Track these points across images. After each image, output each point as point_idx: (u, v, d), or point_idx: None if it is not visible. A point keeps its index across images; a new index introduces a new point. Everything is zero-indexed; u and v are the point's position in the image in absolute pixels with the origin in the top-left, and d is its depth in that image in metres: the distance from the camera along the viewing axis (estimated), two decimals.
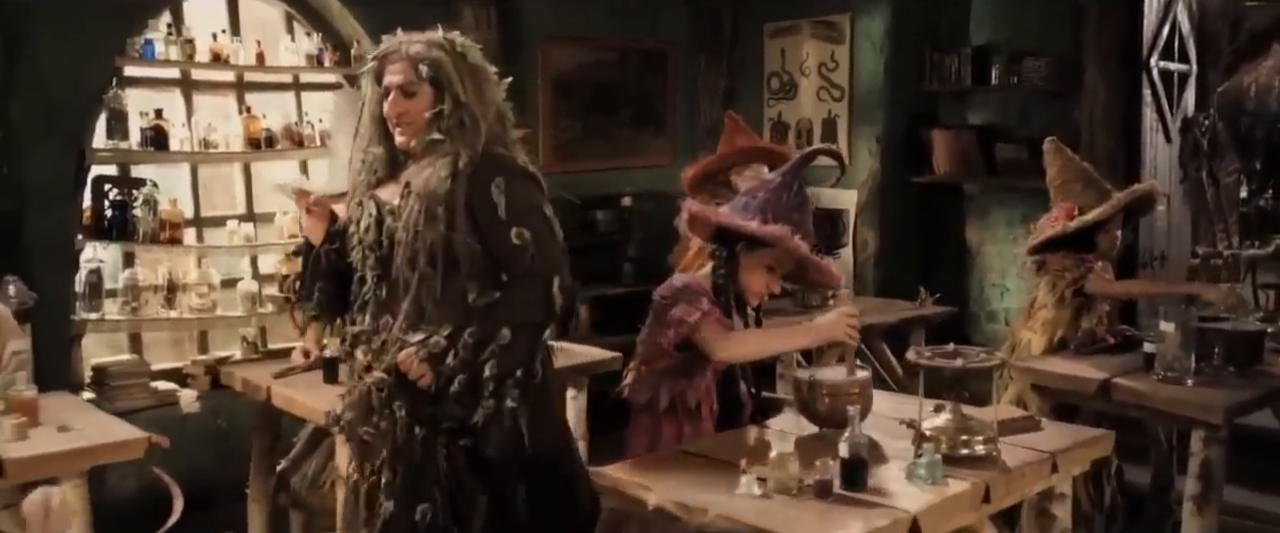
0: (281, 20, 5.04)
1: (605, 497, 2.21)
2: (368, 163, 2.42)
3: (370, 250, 2.37)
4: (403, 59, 2.38)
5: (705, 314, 2.53)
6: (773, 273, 2.65)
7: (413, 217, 2.29)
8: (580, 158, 5.80)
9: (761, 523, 1.92)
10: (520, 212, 2.30)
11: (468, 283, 2.29)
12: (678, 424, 2.59)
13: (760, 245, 2.59)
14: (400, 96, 2.34)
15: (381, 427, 2.33)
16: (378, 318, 2.36)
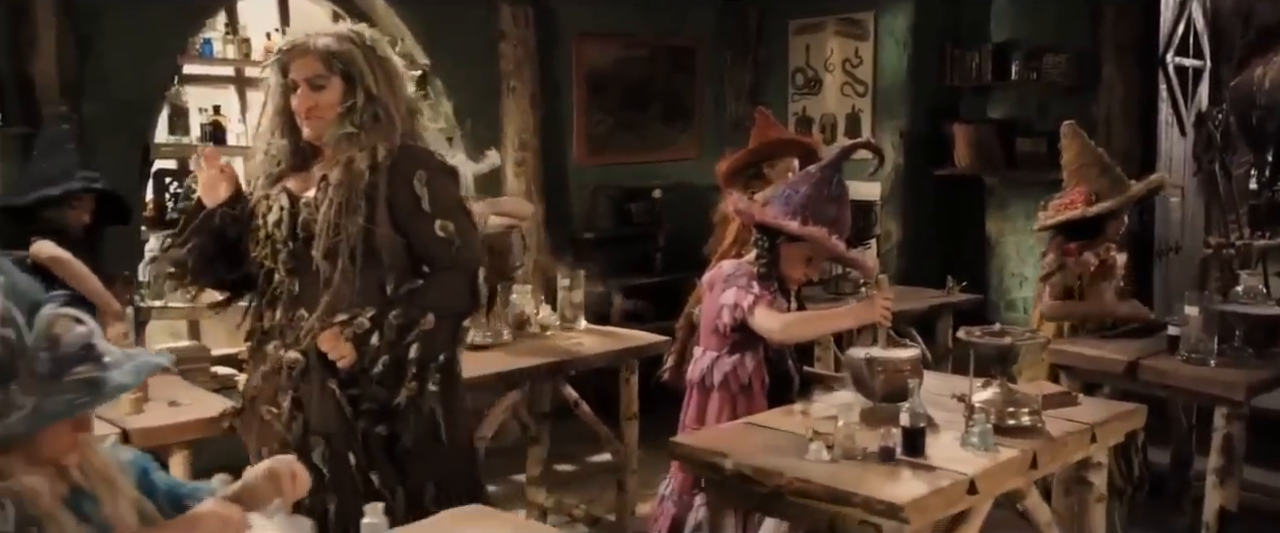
0: (328, 19, 5.22)
1: (684, 464, 2.40)
2: (271, 155, 2.38)
3: (283, 244, 2.32)
4: (311, 52, 2.31)
5: (758, 298, 2.72)
6: (811, 263, 2.84)
7: (331, 209, 2.25)
8: (612, 151, 5.99)
9: (834, 484, 2.11)
10: (443, 205, 2.31)
11: (387, 276, 2.28)
12: (731, 400, 2.78)
13: (799, 239, 2.77)
14: (309, 90, 2.29)
15: (285, 407, 2.29)
16: (291, 312, 2.32)
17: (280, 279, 2.33)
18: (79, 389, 1.48)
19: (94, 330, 1.57)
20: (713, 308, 2.78)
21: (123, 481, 1.66)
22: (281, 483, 1.64)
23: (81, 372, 1.49)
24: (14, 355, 1.45)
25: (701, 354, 2.84)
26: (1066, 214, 3.81)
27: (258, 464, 1.70)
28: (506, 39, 5.41)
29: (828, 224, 2.68)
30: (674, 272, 5.94)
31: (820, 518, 2.19)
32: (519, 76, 5.44)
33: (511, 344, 3.46)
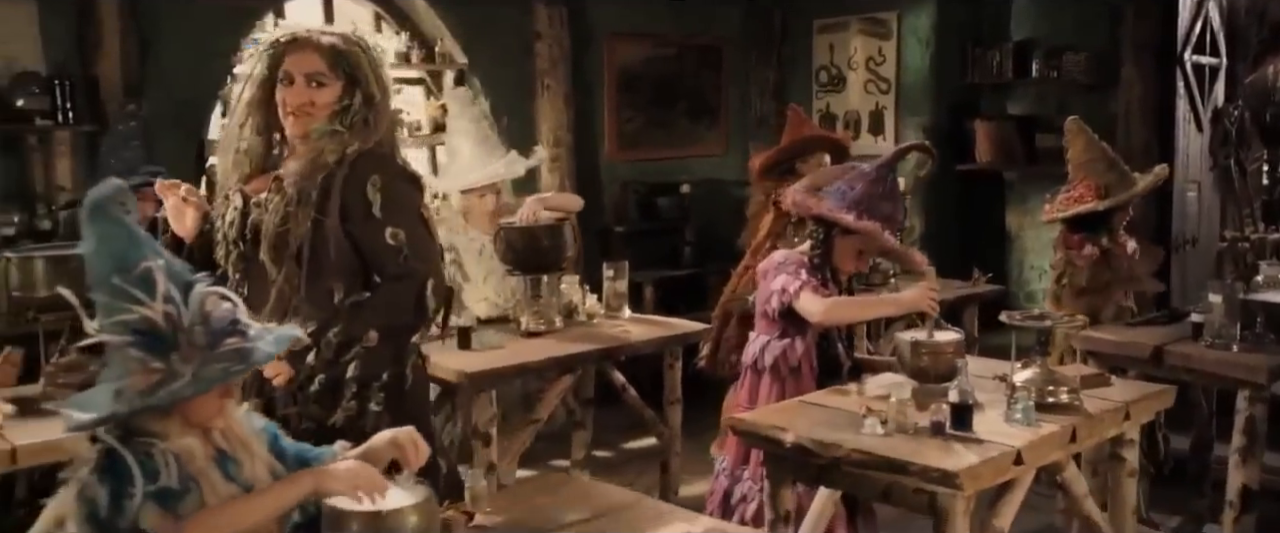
0: (371, 19, 5.40)
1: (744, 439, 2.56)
2: (242, 153, 2.29)
3: (233, 245, 2.26)
4: (315, 48, 2.24)
5: (804, 284, 2.88)
6: (862, 256, 3.00)
7: (280, 206, 2.19)
8: (642, 147, 6.15)
9: (891, 454, 2.28)
10: (395, 211, 2.21)
11: (334, 280, 2.21)
12: (780, 382, 2.94)
13: (854, 232, 2.93)
14: (305, 86, 2.21)
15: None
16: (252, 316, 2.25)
17: (232, 283, 2.23)
18: (231, 358, 1.65)
19: (238, 306, 1.74)
20: (764, 293, 2.94)
21: (257, 445, 1.82)
22: (406, 452, 1.79)
23: (232, 343, 1.66)
24: (175, 329, 1.62)
25: (755, 338, 3.00)
26: (1077, 208, 3.96)
27: (382, 432, 1.85)
28: (542, 39, 5.58)
29: (881, 220, 2.85)
30: (701, 265, 6.13)
31: (875, 487, 2.35)
32: (553, 75, 5.60)
33: (563, 331, 3.61)
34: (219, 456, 1.73)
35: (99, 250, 1.66)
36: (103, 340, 1.64)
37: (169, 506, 1.60)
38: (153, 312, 1.60)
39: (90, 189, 1.72)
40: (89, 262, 1.67)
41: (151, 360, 1.61)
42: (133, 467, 1.58)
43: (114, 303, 1.61)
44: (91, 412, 1.63)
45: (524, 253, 3.55)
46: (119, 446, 1.60)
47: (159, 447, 1.64)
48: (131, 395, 1.60)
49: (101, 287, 1.63)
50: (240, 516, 1.66)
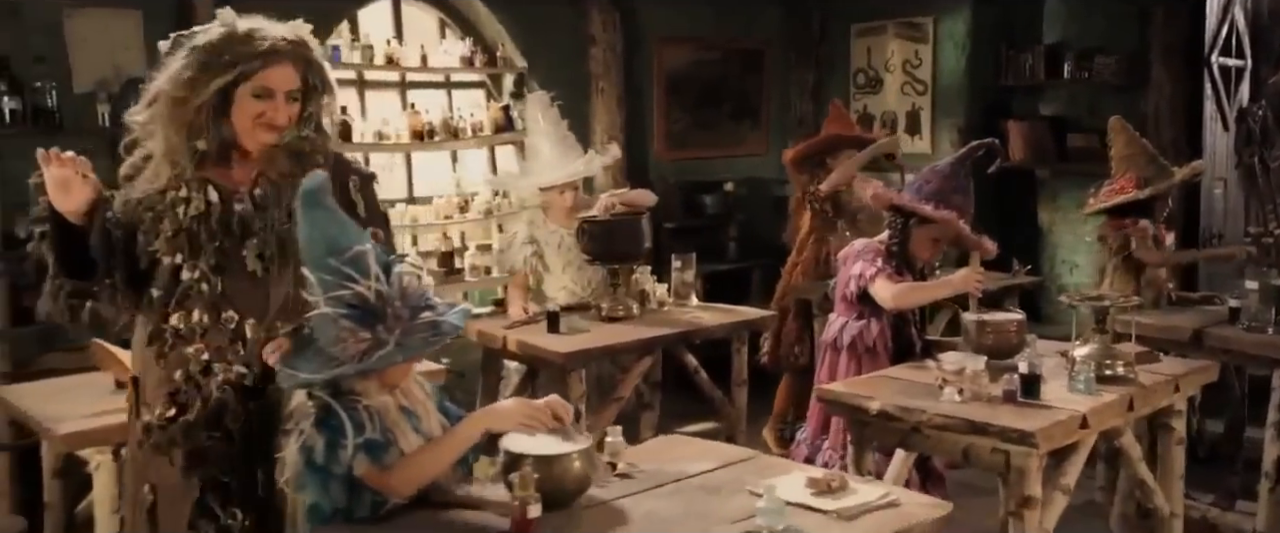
0: (436, 25, 5.67)
1: (831, 408, 2.82)
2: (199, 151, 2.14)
3: (209, 240, 2.14)
4: (292, 61, 2.16)
5: (879, 271, 3.15)
6: (937, 244, 3.27)
7: (277, 206, 2.14)
8: (688, 147, 6.42)
9: (970, 417, 2.54)
10: (374, 211, 2.28)
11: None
12: (857, 360, 3.21)
13: (929, 222, 3.21)
14: (286, 102, 2.15)
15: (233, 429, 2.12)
16: (218, 311, 2.14)
17: (195, 278, 2.14)
18: (428, 330, 1.92)
19: (430, 283, 2.02)
20: (844, 279, 3.21)
21: (430, 404, 2.10)
22: (558, 412, 2.05)
23: (427, 316, 1.94)
24: (384, 304, 1.89)
25: (834, 319, 3.27)
26: (1119, 198, 4.23)
27: (507, 402, 2.12)
28: (596, 43, 5.85)
29: (955, 208, 3.12)
30: (745, 259, 6.40)
31: (954, 448, 2.62)
32: (606, 78, 5.88)
33: (639, 317, 3.88)
34: (405, 412, 2.01)
35: (314, 235, 1.93)
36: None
37: (375, 456, 1.88)
38: (365, 289, 1.88)
39: (304, 181, 1.99)
40: (304, 244, 1.95)
41: (360, 331, 1.88)
42: (345, 421, 1.86)
43: (330, 281, 1.88)
44: (307, 373, 1.91)
45: (605, 244, 3.83)
46: (333, 402, 1.88)
47: (363, 403, 1.92)
48: (346, 360, 1.88)
49: (318, 266, 1.90)
50: (433, 460, 1.94)
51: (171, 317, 2.15)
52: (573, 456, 1.98)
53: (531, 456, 1.94)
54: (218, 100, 2.12)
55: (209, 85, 2.10)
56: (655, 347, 3.76)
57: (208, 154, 2.14)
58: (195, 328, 2.14)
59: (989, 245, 3.27)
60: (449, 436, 2.01)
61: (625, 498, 2.04)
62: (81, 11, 4.23)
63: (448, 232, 5.51)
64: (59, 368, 3.52)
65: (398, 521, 1.92)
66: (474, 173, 5.79)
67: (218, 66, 2.10)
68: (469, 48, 5.60)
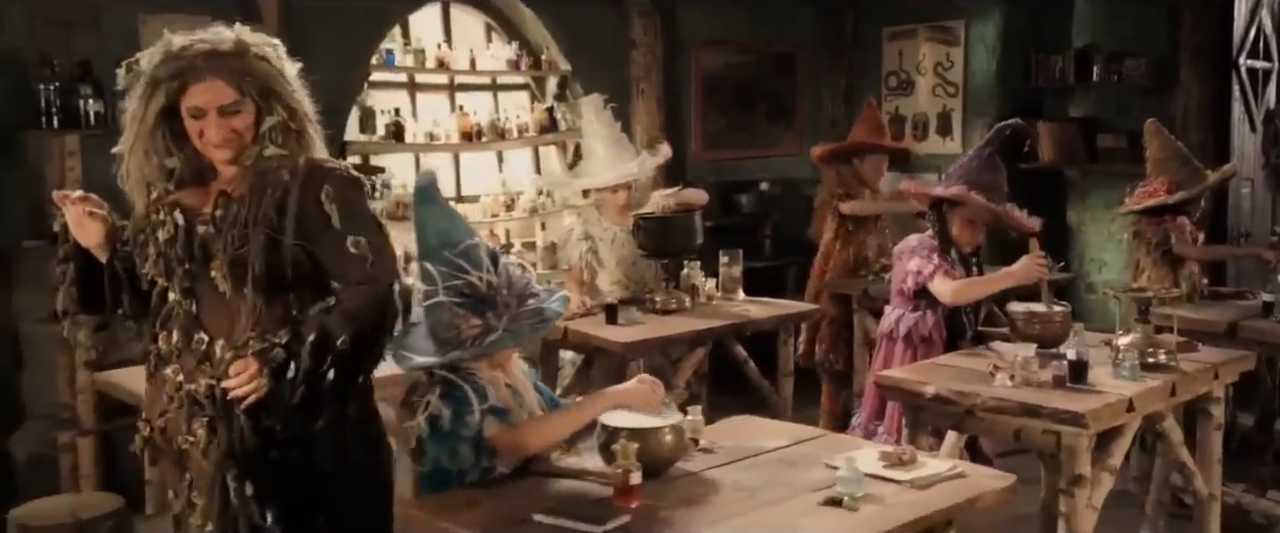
0: (483, 29, 5.85)
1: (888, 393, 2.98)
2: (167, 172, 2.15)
3: (179, 263, 2.13)
4: (216, 74, 2.07)
5: (937, 267, 3.32)
6: (974, 224, 3.43)
7: (233, 226, 2.09)
8: (724, 147, 6.59)
9: (1023, 399, 2.70)
10: (352, 219, 2.12)
11: (292, 296, 2.13)
12: (913, 349, 3.38)
13: (957, 205, 3.37)
14: (219, 118, 2.07)
15: (201, 435, 2.13)
16: (190, 334, 2.15)
17: (175, 300, 2.16)
18: (533, 317, 2.10)
19: (533, 273, 2.19)
20: (901, 273, 3.38)
21: (528, 383, 2.28)
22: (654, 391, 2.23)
23: (532, 303, 2.11)
24: (494, 293, 2.07)
25: (890, 311, 3.44)
26: (1152, 200, 4.38)
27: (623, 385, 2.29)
28: (637, 47, 6.02)
29: (983, 189, 3.28)
30: (780, 257, 6.55)
31: (1007, 430, 2.77)
32: (647, 80, 6.05)
33: (691, 310, 4.05)
34: (509, 390, 2.19)
35: (428, 228, 2.11)
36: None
37: (501, 419, 2.06)
38: (477, 279, 2.05)
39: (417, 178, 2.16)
40: (420, 237, 2.13)
41: (472, 317, 2.06)
42: (470, 391, 2.04)
43: (445, 272, 2.05)
44: (421, 356, 2.09)
45: (661, 240, 4.00)
46: (454, 376, 2.06)
47: (479, 377, 2.10)
48: (460, 345, 2.05)
49: (433, 258, 2.08)
50: (565, 423, 2.13)
51: (158, 338, 2.19)
52: (665, 430, 2.15)
53: (629, 429, 2.11)
54: (169, 122, 2.10)
55: (147, 109, 2.10)
56: (708, 338, 3.92)
57: (184, 176, 2.15)
58: (173, 349, 2.17)
59: (1029, 222, 3.42)
60: (583, 404, 2.20)
61: (712, 470, 2.21)
62: (155, 16, 4.41)
63: (494, 230, 5.68)
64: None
65: (506, 487, 2.09)
66: (519, 172, 5.97)
67: (149, 89, 2.09)
68: (515, 51, 5.78)
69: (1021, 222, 3.40)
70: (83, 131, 4.06)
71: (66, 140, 4.03)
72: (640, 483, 2.00)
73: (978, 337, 3.40)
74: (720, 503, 2.03)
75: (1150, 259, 4.36)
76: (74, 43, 4.21)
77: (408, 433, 2.08)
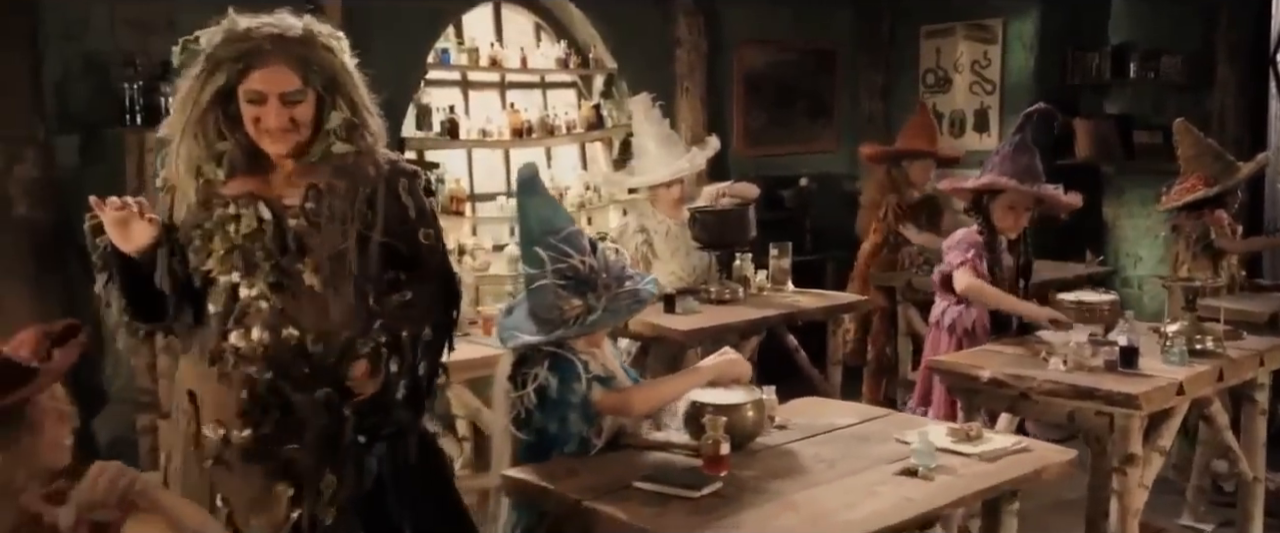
0: (532, 29, 6.02)
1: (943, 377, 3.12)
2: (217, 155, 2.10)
3: (266, 257, 2.09)
4: (283, 59, 2.04)
5: (965, 261, 3.45)
6: (1015, 211, 3.55)
7: (331, 221, 2.09)
8: (765, 144, 6.72)
9: (1077, 383, 2.83)
10: (423, 212, 2.18)
11: (369, 288, 2.14)
12: (958, 340, 3.51)
13: (996, 193, 3.50)
14: (281, 106, 2.04)
15: (309, 441, 2.10)
16: (278, 330, 2.09)
17: (252, 296, 2.10)
18: (629, 297, 2.25)
19: (625, 256, 2.34)
20: (945, 267, 3.52)
21: (616, 363, 2.43)
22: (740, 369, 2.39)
23: (629, 285, 2.26)
24: (594, 275, 2.22)
25: (938, 303, 3.58)
26: (1191, 195, 4.49)
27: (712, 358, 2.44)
28: (681, 45, 6.17)
29: (1016, 174, 3.41)
30: (820, 251, 6.68)
31: (1061, 412, 2.90)
32: (691, 78, 6.19)
33: (744, 300, 4.20)
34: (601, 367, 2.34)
35: (532, 216, 2.26)
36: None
37: (607, 386, 2.22)
38: (580, 263, 2.21)
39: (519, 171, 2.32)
40: (523, 225, 2.29)
41: (573, 298, 2.21)
42: (577, 362, 2.20)
43: (550, 256, 2.21)
44: (524, 334, 2.25)
45: (716, 232, 4.15)
46: (560, 350, 2.21)
47: (580, 353, 2.25)
48: (563, 324, 2.20)
49: (538, 244, 2.23)
50: (671, 388, 2.30)
51: (230, 335, 2.11)
52: (748, 406, 2.30)
53: (716, 404, 2.26)
54: (226, 106, 2.06)
55: (204, 89, 2.04)
56: (763, 327, 4.06)
57: (234, 162, 2.09)
58: (256, 347, 2.09)
59: (1069, 199, 3.53)
60: (683, 375, 2.35)
61: (791, 443, 2.36)
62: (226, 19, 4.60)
63: None
64: None
65: (602, 458, 2.25)
66: (566, 168, 6.13)
67: (209, 68, 2.05)
68: (563, 50, 5.94)
69: (1061, 200, 3.53)
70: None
71: (147, 137, 4.21)
72: (729, 454, 2.15)
73: (1022, 327, 3.53)
74: (804, 472, 2.18)
75: (1190, 253, 4.47)
76: (151, 44, 4.40)
77: (514, 405, 2.23)
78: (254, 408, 2.09)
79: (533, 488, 2.13)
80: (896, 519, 1.94)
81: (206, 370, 2.14)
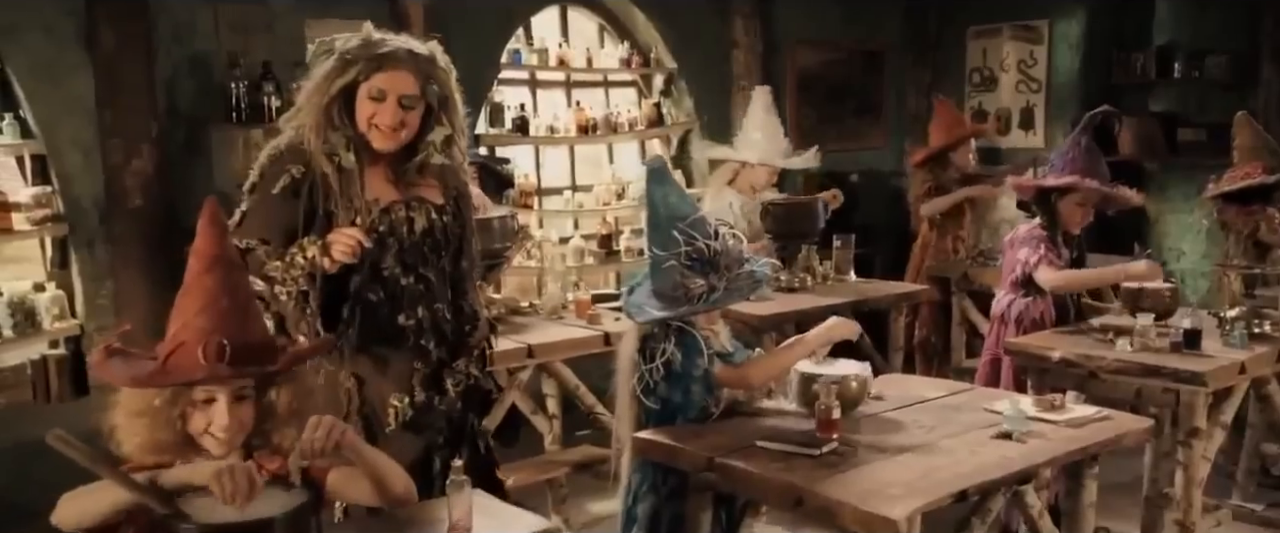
0: (596, 30, 6.26)
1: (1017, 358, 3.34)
2: (346, 141, 2.35)
3: (430, 250, 2.44)
4: (409, 68, 2.33)
5: (1042, 258, 3.66)
6: (1083, 208, 3.76)
7: (458, 219, 2.49)
8: (816, 141, 6.88)
9: (1144, 362, 3.04)
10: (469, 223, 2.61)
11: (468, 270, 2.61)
12: (1024, 332, 3.71)
13: (1067, 192, 3.70)
14: (397, 106, 2.31)
15: (442, 407, 2.49)
16: (428, 308, 2.44)
17: (411, 282, 2.42)
18: (748, 278, 2.47)
19: (743, 242, 2.56)
20: (1011, 262, 3.73)
21: (728, 339, 2.66)
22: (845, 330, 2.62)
23: (746, 268, 2.49)
24: (718, 257, 2.45)
25: (1001, 297, 3.80)
26: (1245, 182, 4.64)
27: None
28: (738, 46, 6.40)
29: (1091, 173, 3.62)
30: (867, 245, 6.88)
31: (1129, 389, 3.11)
32: (747, 77, 6.41)
33: (812, 288, 4.43)
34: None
35: (663, 203, 2.49)
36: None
37: (727, 361, 2.45)
38: (705, 246, 2.43)
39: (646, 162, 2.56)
40: (651, 210, 2.51)
41: (696, 278, 2.44)
42: (700, 339, 2.43)
43: (679, 239, 2.43)
44: (649, 311, 2.48)
45: (787, 224, 4.38)
46: (686, 326, 2.45)
47: (700, 328, 2.49)
48: (688, 302, 2.43)
49: (669, 228, 2.45)
50: (778, 362, 2.52)
51: (399, 317, 2.41)
52: (851, 377, 2.53)
53: (819, 374, 2.49)
54: (347, 101, 2.31)
55: (333, 83, 2.31)
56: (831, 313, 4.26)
57: (357, 152, 2.34)
58: (413, 327, 2.42)
59: (1132, 196, 3.74)
60: (795, 344, 2.57)
61: (889, 412, 2.59)
62: (320, 21, 4.86)
63: (605, 217, 6.09)
64: None
65: (723, 423, 2.48)
66: (627, 164, 6.37)
67: (342, 64, 2.32)
68: (626, 51, 6.17)
69: (1129, 198, 3.73)
70: (266, 126, 4.51)
71: (251, 134, 4.48)
72: (840, 419, 2.38)
73: (1080, 311, 3.74)
74: (908, 435, 2.40)
75: (1239, 248, 4.65)
76: (252, 46, 4.67)
77: (642, 376, 2.46)
78: (430, 379, 2.46)
79: (664, 448, 2.37)
80: (1000, 474, 2.16)
81: (378, 352, 2.43)
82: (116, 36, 4.17)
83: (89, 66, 4.19)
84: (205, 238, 1.90)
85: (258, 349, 1.89)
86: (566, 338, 3.55)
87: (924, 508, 2.01)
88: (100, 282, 4.33)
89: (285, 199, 2.34)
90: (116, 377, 1.86)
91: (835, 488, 2.08)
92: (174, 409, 1.85)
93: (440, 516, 1.93)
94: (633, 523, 2.51)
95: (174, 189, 4.44)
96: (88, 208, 4.28)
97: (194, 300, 1.86)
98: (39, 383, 4.18)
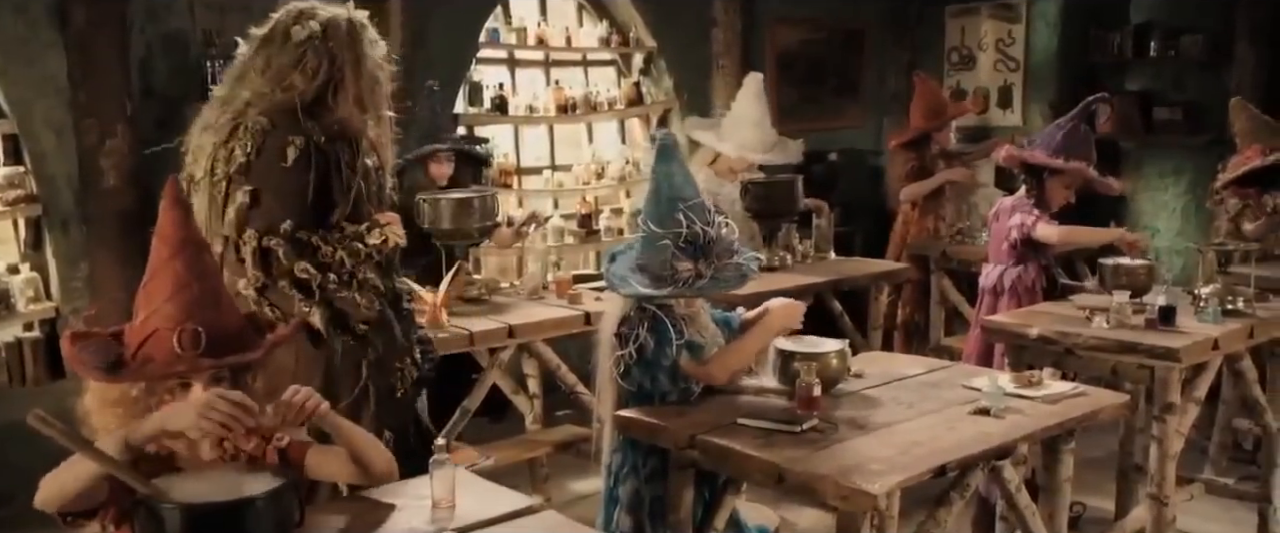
0: (574, 9, 6.22)
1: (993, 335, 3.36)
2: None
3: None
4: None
5: (1038, 217, 3.70)
6: (1069, 190, 3.79)
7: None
8: (796, 120, 6.91)
9: (1120, 338, 3.07)
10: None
11: None
12: (1017, 300, 3.77)
13: (1060, 173, 3.73)
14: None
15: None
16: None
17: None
18: (734, 270, 2.47)
19: (735, 233, 2.55)
20: (1001, 231, 3.76)
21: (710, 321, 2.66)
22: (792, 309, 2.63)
23: (734, 260, 2.48)
24: (710, 245, 2.44)
25: (991, 268, 3.83)
26: (1248, 166, 4.68)
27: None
28: (717, 25, 6.38)
29: (1081, 159, 3.65)
30: (848, 224, 6.91)
31: (1104, 365, 3.15)
32: (727, 57, 6.41)
33: (791, 267, 4.44)
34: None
35: (667, 180, 2.47)
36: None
37: (694, 353, 2.46)
38: (701, 231, 2.42)
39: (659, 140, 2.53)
40: (654, 189, 2.49)
41: (685, 261, 2.43)
42: (670, 326, 2.42)
43: (677, 219, 2.41)
44: (632, 289, 2.47)
45: (765, 203, 4.39)
46: (661, 312, 2.44)
47: (677, 313, 2.48)
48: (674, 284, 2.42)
49: (670, 207, 2.43)
50: (737, 357, 2.51)
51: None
52: (831, 354, 2.54)
53: (797, 351, 2.50)
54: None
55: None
56: (813, 292, 4.30)
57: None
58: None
59: (1116, 185, 3.79)
60: (751, 336, 2.56)
61: (869, 389, 2.60)
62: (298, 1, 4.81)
63: (584, 197, 6.07)
64: None
65: (705, 401, 2.49)
66: (606, 143, 6.36)
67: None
68: (605, 30, 6.14)
69: (1111, 185, 3.77)
70: None
71: None
72: (821, 395, 2.39)
73: (1063, 288, 3.78)
74: (887, 411, 2.42)
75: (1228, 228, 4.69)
76: (227, 24, 4.61)
77: (618, 359, 2.46)
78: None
79: (645, 426, 2.38)
80: (978, 449, 2.19)
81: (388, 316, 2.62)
82: (89, 15, 4.11)
83: (61, 46, 4.14)
84: (169, 221, 1.87)
85: (233, 334, 1.87)
86: (547, 317, 3.55)
87: (904, 483, 2.03)
88: (75, 263, 4.29)
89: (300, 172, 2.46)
90: (92, 371, 1.84)
91: (816, 464, 2.09)
92: (151, 398, 1.84)
93: (423, 493, 1.93)
94: (615, 504, 2.51)
95: (149, 170, 4.39)
96: (62, 189, 4.24)
97: (162, 286, 1.83)
98: (14, 366, 4.14)
